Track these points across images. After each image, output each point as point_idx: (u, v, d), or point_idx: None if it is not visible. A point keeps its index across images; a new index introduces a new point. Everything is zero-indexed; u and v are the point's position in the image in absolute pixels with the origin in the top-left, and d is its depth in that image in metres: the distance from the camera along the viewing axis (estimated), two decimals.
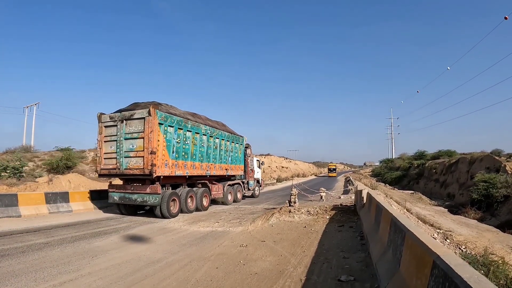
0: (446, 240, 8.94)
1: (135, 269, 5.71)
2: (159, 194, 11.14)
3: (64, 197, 12.40)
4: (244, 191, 18.60)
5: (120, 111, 11.62)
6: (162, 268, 5.78)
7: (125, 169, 11.23)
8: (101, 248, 7.18)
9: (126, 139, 11.23)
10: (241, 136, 17.86)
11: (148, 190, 11.25)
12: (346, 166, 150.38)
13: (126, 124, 11.23)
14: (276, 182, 38.28)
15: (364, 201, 9.82)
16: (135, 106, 11.67)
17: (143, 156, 10.78)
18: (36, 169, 19.26)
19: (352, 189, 19.58)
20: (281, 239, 7.97)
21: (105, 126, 11.78)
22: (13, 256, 6.28)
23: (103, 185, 16.01)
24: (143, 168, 10.75)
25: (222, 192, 15.49)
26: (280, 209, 11.53)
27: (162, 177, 11.26)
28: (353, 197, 14.47)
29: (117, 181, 12.95)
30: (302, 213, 11.00)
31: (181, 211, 12.23)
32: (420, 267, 3.06)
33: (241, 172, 17.98)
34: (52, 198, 11.98)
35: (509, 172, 21.54)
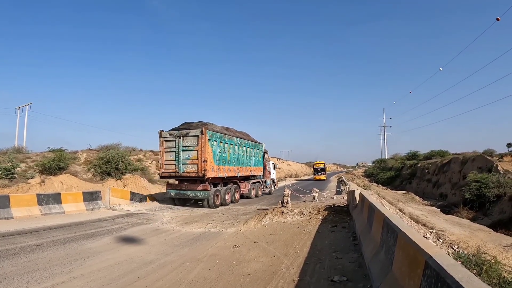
0: (438, 240, 8.99)
1: (127, 270, 5.68)
2: (208, 190, 14.56)
3: (56, 198, 12.28)
4: (262, 188, 21.91)
5: (176, 129, 15.11)
6: (155, 269, 5.76)
7: (182, 172, 14.67)
8: (93, 250, 7.12)
9: (183, 150, 14.65)
10: (260, 143, 21.25)
11: (199, 188, 14.69)
12: (339, 167, 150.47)
13: (183, 139, 14.67)
14: None
15: (357, 202, 9.85)
16: (188, 126, 15.19)
17: (197, 164, 14.25)
18: (28, 170, 18.93)
19: (345, 189, 19.65)
20: (274, 239, 7.97)
21: (165, 140, 15.12)
22: (5, 258, 6.20)
23: (95, 186, 15.90)
24: (197, 172, 14.27)
25: (247, 189, 19.05)
26: (273, 209, 11.53)
27: (210, 178, 14.41)
28: (346, 198, 14.51)
29: (172, 181, 16.51)
30: (295, 213, 11.01)
31: (221, 204, 15.45)
32: (412, 267, 3.08)
33: (261, 173, 21.43)
34: (44, 199, 11.86)
35: (501, 172, 21.83)
